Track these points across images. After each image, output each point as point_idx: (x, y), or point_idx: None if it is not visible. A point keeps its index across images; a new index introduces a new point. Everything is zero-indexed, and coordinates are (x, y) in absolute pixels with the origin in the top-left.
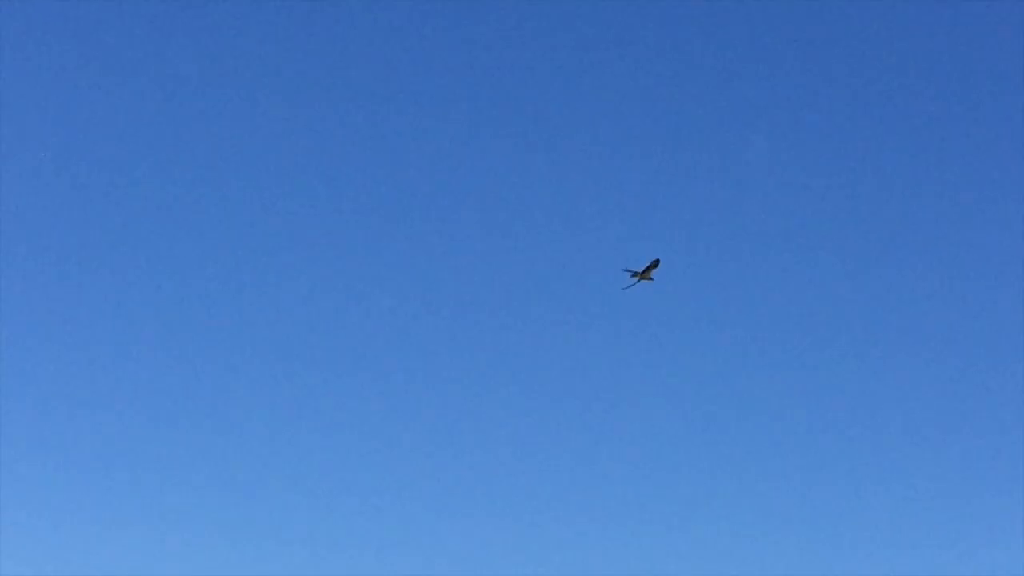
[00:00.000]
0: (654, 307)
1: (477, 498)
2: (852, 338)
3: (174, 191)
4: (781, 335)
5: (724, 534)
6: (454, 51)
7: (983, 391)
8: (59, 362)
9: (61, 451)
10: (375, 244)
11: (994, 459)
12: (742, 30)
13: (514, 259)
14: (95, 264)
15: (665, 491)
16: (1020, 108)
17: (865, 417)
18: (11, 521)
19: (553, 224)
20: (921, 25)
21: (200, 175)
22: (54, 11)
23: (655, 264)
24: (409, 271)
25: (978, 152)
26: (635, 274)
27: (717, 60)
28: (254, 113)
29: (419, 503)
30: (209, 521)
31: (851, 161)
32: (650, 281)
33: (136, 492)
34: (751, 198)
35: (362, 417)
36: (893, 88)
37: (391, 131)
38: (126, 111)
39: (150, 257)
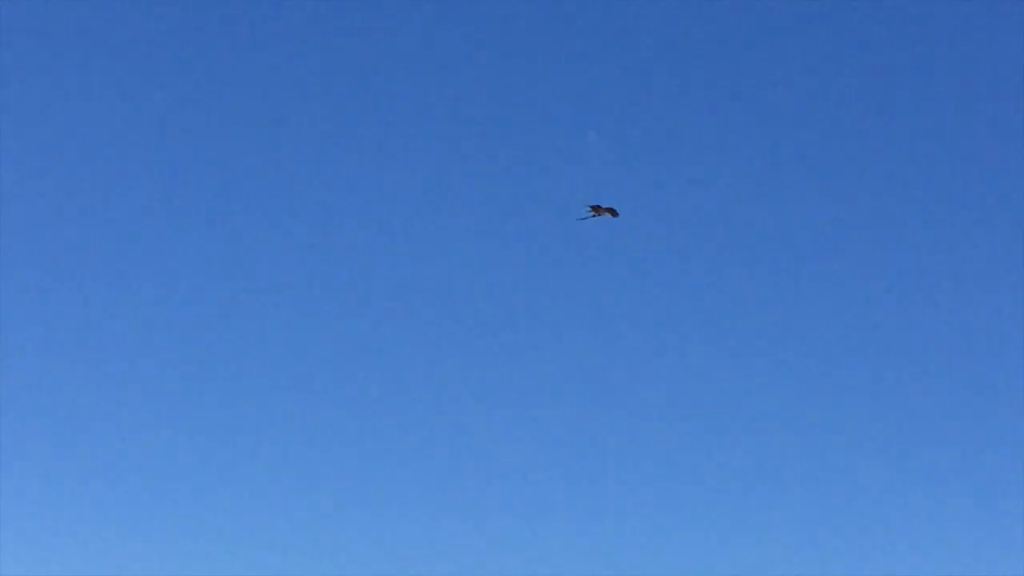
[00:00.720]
0: (653, 307)
1: (475, 500)
2: (852, 339)
3: (173, 193)
4: (781, 336)
5: (723, 535)
6: (448, 52)
7: (983, 392)
8: (60, 364)
9: (61, 452)
10: (373, 245)
11: (994, 461)
12: (740, 30)
13: (512, 260)
14: (94, 265)
15: (663, 492)
16: (1020, 108)
17: (865, 419)
18: (11, 521)
19: (551, 224)
20: (920, 25)
21: (199, 175)
22: (54, 11)
23: (612, 211)
24: (407, 273)
25: (978, 152)
26: (593, 208)
27: (716, 60)
28: (253, 113)
29: (417, 506)
30: (209, 521)
31: (851, 160)
32: (601, 216)
33: (136, 493)
34: (750, 198)
35: (360, 420)
36: (890, 88)
37: (391, 133)
38: (126, 111)
39: (150, 260)
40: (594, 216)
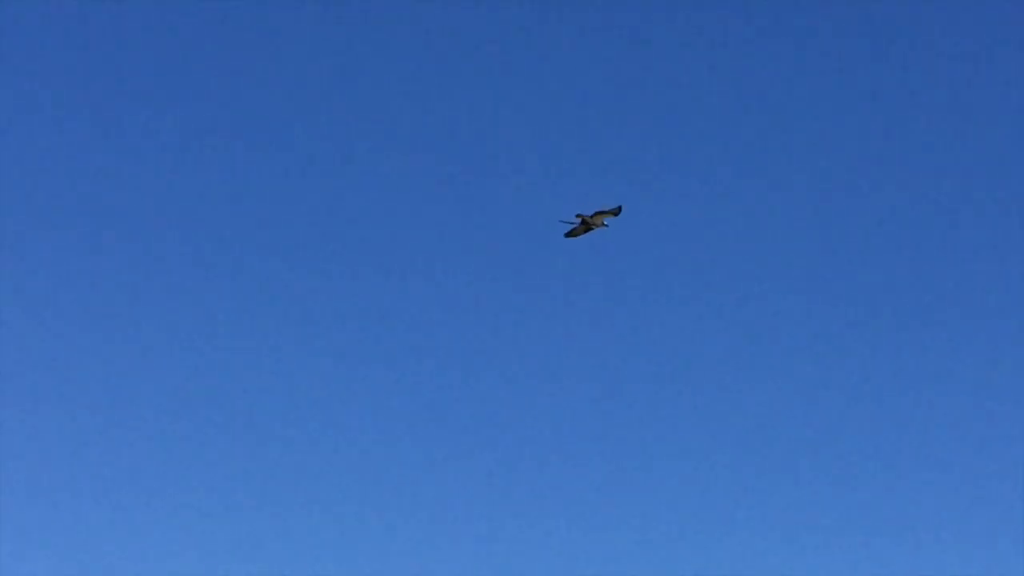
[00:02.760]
0: (653, 307)
1: (474, 501)
2: (853, 340)
3: (172, 191)
4: (781, 335)
5: (723, 536)
6: (451, 55)
7: (982, 393)
8: (59, 362)
9: (61, 451)
10: (372, 240)
11: (994, 462)
12: (742, 30)
13: (510, 258)
14: (93, 263)
15: (663, 494)
16: (1020, 109)
17: (867, 420)
18: (11, 521)
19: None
20: (921, 25)
21: (198, 174)
22: (54, 11)
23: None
24: (408, 268)
25: (978, 154)
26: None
27: (717, 60)
28: (253, 113)
29: (417, 506)
30: (209, 522)
31: (850, 160)
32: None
33: (136, 493)
34: (750, 198)
35: (361, 417)
36: (890, 89)
37: (392, 130)
38: (126, 111)
39: (149, 256)
40: (581, 223)
